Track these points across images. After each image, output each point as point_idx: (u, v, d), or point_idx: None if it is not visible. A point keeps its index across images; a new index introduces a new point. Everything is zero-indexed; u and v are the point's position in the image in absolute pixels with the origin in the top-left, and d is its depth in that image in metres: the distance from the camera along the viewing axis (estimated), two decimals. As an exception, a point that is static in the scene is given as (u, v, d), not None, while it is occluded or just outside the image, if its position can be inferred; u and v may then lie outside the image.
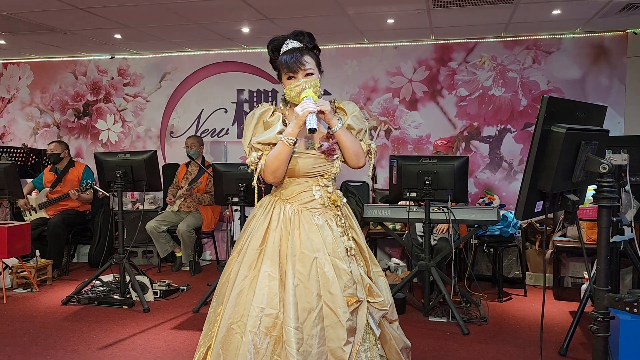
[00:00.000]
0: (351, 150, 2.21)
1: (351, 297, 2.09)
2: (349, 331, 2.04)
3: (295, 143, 2.10)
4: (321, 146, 2.19)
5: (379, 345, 2.21)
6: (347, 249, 2.17)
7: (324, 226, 2.16)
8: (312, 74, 2.17)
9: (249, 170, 2.21)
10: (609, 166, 1.68)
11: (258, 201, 2.28)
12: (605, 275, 1.73)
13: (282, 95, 2.29)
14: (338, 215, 2.22)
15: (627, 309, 1.67)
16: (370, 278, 2.24)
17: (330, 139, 2.22)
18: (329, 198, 2.21)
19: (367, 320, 2.16)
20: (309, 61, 2.17)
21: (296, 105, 2.14)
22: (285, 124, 2.17)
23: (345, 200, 2.31)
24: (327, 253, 2.10)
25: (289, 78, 2.17)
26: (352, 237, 2.25)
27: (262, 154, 2.16)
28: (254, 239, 2.17)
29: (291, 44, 2.20)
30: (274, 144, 2.13)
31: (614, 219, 1.66)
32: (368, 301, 2.17)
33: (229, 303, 2.11)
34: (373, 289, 2.20)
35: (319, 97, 2.17)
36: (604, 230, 1.73)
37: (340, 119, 2.23)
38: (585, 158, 1.73)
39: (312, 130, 2.06)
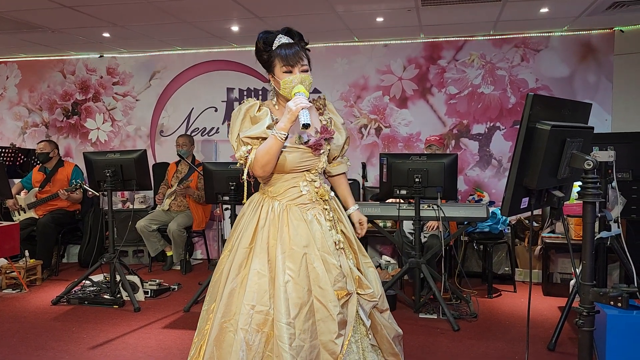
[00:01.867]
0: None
1: (341, 291, 2.11)
2: (340, 324, 2.07)
3: (286, 138, 2.11)
4: (308, 140, 2.20)
5: (370, 335, 2.24)
6: (335, 243, 2.20)
7: (312, 221, 2.18)
8: (307, 70, 2.19)
9: (238, 165, 2.21)
10: (594, 163, 1.70)
11: (247, 196, 2.29)
12: (590, 270, 1.76)
13: (272, 89, 2.29)
14: (326, 209, 2.25)
15: (612, 303, 1.70)
16: (359, 270, 2.27)
17: (319, 134, 2.23)
18: (317, 193, 2.24)
19: (357, 311, 2.18)
20: (304, 57, 2.19)
21: (288, 99, 2.15)
22: (272, 119, 2.18)
23: (333, 194, 2.33)
24: (317, 248, 2.13)
25: (286, 72, 2.17)
26: (341, 230, 2.28)
27: (251, 148, 2.16)
28: (244, 238, 2.19)
29: (284, 39, 2.20)
30: (263, 139, 2.14)
31: (598, 215, 1.68)
32: (358, 293, 2.20)
33: (222, 302, 2.13)
34: (362, 281, 2.22)
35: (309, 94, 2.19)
36: (588, 226, 1.75)
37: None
38: (571, 155, 1.75)
39: (306, 126, 2.06)
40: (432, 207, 4.03)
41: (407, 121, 5.75)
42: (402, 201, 4.20)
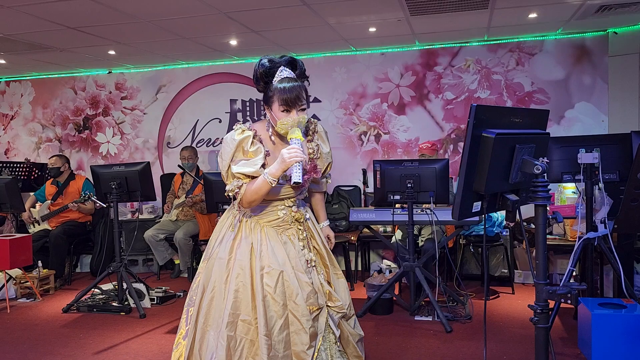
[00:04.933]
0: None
1: (312, 306, 2.29)
2: (311, 336, 2.25)
3: (277, 182, 2.22)
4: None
5: (338, 343, 2.41)
6: (307, 261, 2.37)
7: (287, 242, 2.35)
8: (304, 109, 2.27)
9: (226, 195, 2.30)
10: (542, 167, 1.79)
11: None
12: (543, 269, 1.85)
13: (267, 117, 2.33)
14: (300, 229, 2.41)
15: (563, 300, 1.78)
16: (329, 283, 2.44)
17: (305, 171, 2.30)
18: (293, 217, 2.39)
19: (327, 322, 2.35)
20: (304, 97, 2.26)
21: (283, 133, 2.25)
22: (267, 153, 2.29)
23: (308, 215, 2.48)
24: (291, 267, 2.30)
25: (284, 111, 2.23)
26: (314, 247, 2.44)
27: (242, 184, 2.26)
28: (222, 249, 2.34)
29: (285, 72, 2.25)
30: (255, 177, 2.25)
31: (550, 217, 1.77)
32: (328, 306, 2.37)
33: (203, 309, 2.30)
34: (332, 295, 2.40)
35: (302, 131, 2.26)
36: (540, 228, 1.84)
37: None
38: (521, 160, 1.85)
39: (297, 184, 2.18)
40: (425, 211, 4.12)
41: (405, 127, 5.85)
42: (397, 206, 4.30)
